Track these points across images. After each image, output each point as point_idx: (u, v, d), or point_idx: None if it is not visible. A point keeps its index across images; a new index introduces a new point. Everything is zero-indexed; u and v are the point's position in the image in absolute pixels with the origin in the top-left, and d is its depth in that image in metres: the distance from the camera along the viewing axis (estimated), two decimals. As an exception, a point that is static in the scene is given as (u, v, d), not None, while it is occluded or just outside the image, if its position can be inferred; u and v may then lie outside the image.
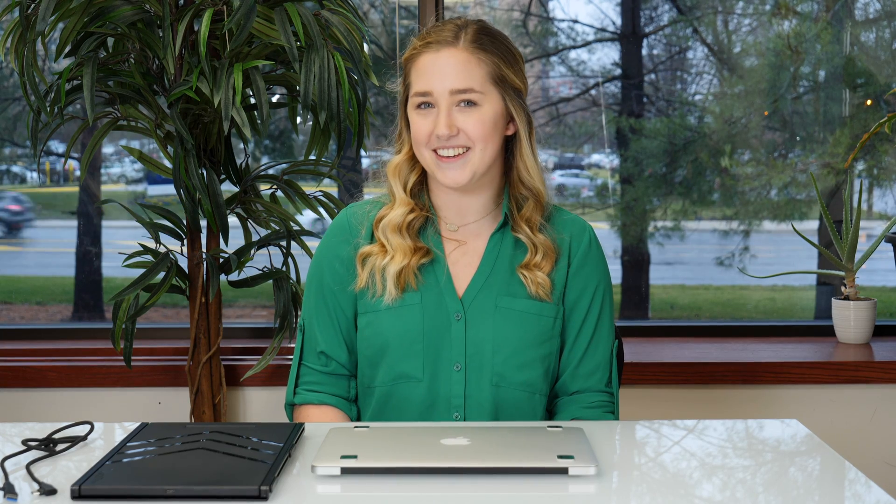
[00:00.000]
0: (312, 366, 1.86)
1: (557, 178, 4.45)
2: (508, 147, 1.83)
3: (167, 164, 2.43)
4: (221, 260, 2.46)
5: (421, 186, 1.85)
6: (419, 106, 1.77)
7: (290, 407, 1.88)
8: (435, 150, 1.76)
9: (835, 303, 2.90)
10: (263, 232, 2.53)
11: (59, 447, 1.52)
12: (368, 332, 1.81)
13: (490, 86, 1.76)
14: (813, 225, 3.74)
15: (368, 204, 1.88)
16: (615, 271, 3.78)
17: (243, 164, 2.52)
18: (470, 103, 1.75)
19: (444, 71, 1.75)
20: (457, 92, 1.74)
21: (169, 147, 2.38)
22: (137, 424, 1.59)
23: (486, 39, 1.78)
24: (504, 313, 1.78)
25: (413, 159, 1.83)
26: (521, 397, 1.78)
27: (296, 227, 2.51)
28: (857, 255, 2.86)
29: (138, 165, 4.30)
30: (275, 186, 2.55)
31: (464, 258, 1.82)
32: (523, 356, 1.78)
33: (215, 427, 1.55)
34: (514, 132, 1.82)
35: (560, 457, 1.39)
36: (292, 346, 2.44)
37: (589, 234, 1.86)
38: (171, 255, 2.40)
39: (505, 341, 1.77)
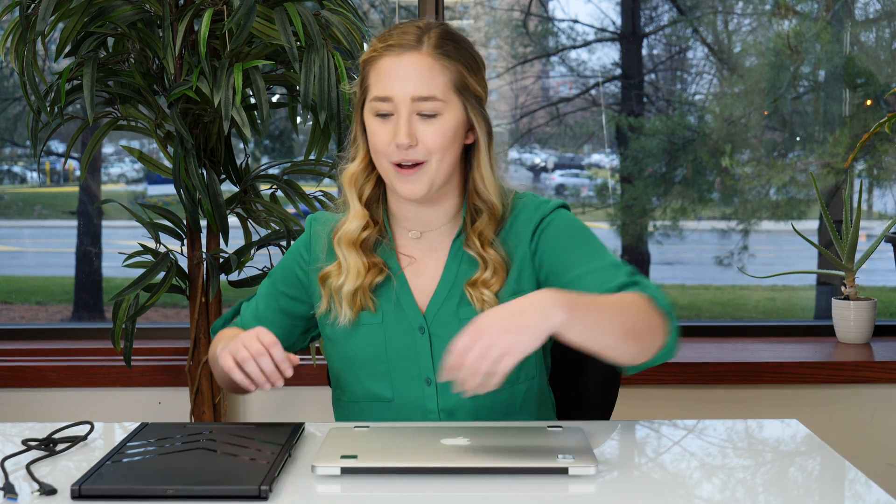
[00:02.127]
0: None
1: (557, 177, 4.46)
2: (468, 155, 1.76)
3: (167, 164, 2.43)
4: (221, 260, 2.46)
5: (378, 196, 1.78)
6: (378, 113, 1.69)
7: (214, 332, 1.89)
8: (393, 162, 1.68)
9: (835, 303, 2.90)
10: (263, 232, 2.53)
11: (59, 447, 1.52)
12: (332, 351, 1.78)
13: (452, 94, 1.68)
14: (813, 224, 3.74)
15: (336, 220, 1.80)
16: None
17: (243, 164, 2.52)
18: (430, 114, 1.67)
19: (406, 76, 1.67)
20: (418, 99, 1.66)
21: (169, 147, 2.38)
22: (137, 424, 1.59)
23: (451, 45, 1.70)
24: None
25: (369, 167, 1.76)
26: (499, 397, 1.72)
27: (296, 227, 2.51)
28: (857, 255, 2.87)
29: (138, 165, 4.30)
30: (275, 186, 2.55)
31: (424, 270, 1.76)
32: None
33: (215, 427, 1.55)
34: (473, 140, 1.74)
35: (560, 457, 1.39)
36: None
37: (542, 214, 1.74)
38: (171, 255, 2.40)
39: None
